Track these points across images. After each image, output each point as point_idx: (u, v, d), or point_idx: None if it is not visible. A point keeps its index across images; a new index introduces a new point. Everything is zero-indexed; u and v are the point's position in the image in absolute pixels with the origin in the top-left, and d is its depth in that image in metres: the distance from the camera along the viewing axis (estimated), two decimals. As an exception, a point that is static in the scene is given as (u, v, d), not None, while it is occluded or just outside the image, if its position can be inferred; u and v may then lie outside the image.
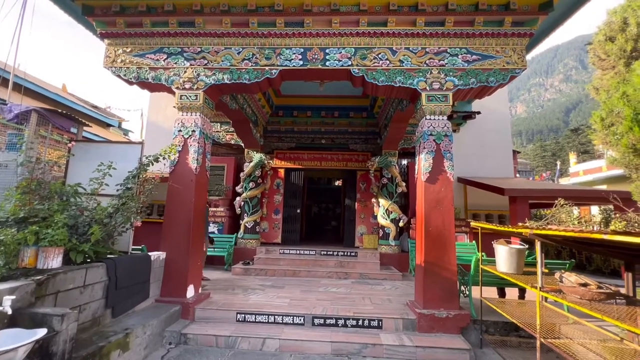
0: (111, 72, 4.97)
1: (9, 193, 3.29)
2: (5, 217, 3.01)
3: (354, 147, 9.02)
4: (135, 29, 4.91)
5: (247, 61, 4.76)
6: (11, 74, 4.74)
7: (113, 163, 4.00)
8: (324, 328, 4.09)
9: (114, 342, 2.91)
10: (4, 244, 2.73)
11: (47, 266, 2.85)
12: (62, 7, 5.03)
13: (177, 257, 4.43)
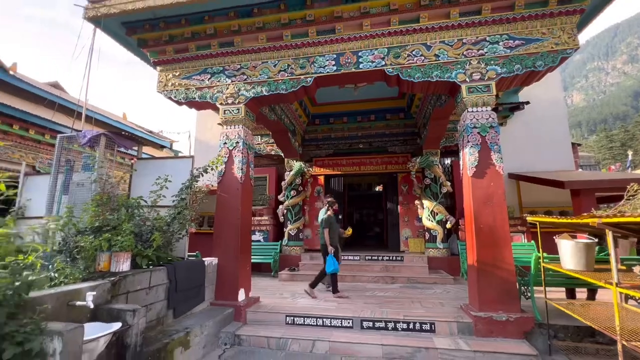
0: (164, 95, 5.48)
1: (86, 207, 3.75)
2: (84, 227, 3.43)
3: (392, 150, 8.87)
4: (182, 54, 5.39)
5: (283, 72, 4.97)
6: (84, 107, 5.46)
7: (168, 176, 4.38)
8: (373, 331, 4.01)
9: (177, 340, 3.13)
10: (84, 250, 3.11)
11: (118, 269, 3.17)
12: (121, 43, 5.69)
13: (228, 263, 4.67)
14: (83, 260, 3.19)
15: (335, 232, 5.67)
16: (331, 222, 5.68)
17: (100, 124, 11.05)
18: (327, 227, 5.58)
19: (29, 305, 1.98)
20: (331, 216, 5.82)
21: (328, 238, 5.52)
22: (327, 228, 5.57)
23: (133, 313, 2.41)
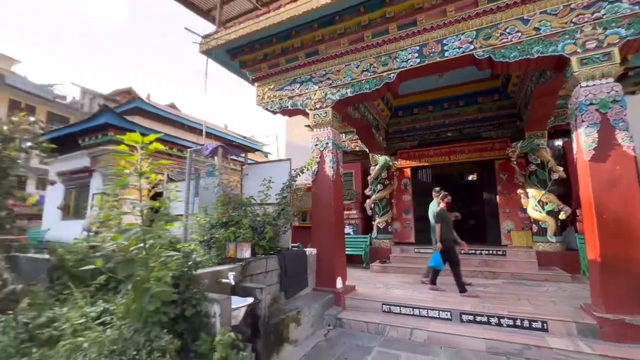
0: (262, 107, 6.29)
1: (213, 206, 4.66)
2: (215, 222, 4.30)
3: (487, 135, 8.16)
4: (275, 69, 6.08)
5: (366, 72, 5.17)
6: (203, 125, 6.72)
7: (271, 178, 5.06)
8: (474, 325, 3.93)
9: (290, 317, 3.70)
10: (218, 241, 3.93)
11: (242, 256, 3.90)
12: (226, 67, 6.73)
13: (325, 253, 5.15)
14: (216, 248, 4.02)
15: (449, 227, 5.35)
16: (444, 216, 5.34)
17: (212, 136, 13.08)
18: (440, 221, 5.25)
19: (194, 279, 2.69)
20: (444, 210, 5.48)
21: (439, 233, 5.20)
22: (439, 223, 5.23)
23: (261, 290, 3.00)
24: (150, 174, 2.53)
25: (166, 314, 2.32)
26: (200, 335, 2.46)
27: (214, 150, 5.68)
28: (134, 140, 2.42)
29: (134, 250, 2.42)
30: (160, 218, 2.48)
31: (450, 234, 5.36)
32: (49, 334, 2.76)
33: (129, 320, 2.35)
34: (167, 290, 2.30)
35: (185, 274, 2.56)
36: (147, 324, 2.27)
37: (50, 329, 2.78)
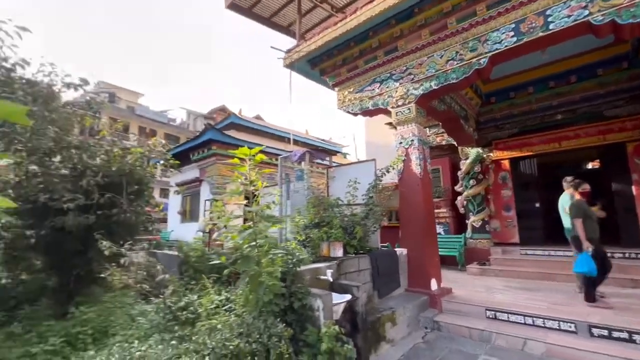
0: (343, 111, 6.47)
1: (305, 208, 5.00)
2: (308, 223, 4.60)
3: (611, 113, 6.73)
4: (354, 72, 6.18)
5: (451, 61, 4.86)
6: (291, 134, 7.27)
7: (357, 179, 5.16)
8: (608, 341, 3.30)
9: (386, 316, 3.71)
10: (312, 240, 4.20)
11: (335, 255, 4.08)
12: (307, 77, 7.12)
13: (416, 253, 4.99)
14: (311, 247, 4.30)
15: (593, 222, 4.35)
16: (584, 209, 4.37)
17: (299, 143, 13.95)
18: (581, 216, 4.29)
19: (298, 275, 2.95)
20: (582, 201, 4.49)
21: (583, 231, 4.21)
22: (580, 218, 4.28)
23: (357, 288, 3.11)
24: (257, 182, 2.88)
25: (277, 305, 2.61)
26: (307, 326, 2.69)
27: (302, 156, 6.08)
28: (243, 154, 2.80)
29: (248, 248, 2.79)
30: (268, 220, 2.80)
31: (596, 232, 4.32)
32: (186, 316, 3.39)
33: (247, 309, 2.73)
34: (277, 284, 2.59)
35: (290, 270, 2.84)
36: (263, 313, 2.60)
37: (187, 312, 3.41)
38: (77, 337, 3.41)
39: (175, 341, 2.00)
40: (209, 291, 3.42)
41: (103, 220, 4.18)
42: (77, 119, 4.60)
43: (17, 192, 4.21)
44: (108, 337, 3.60)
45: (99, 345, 3.42)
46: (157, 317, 3.51)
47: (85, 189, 3.96)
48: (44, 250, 4.48)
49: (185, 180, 11.96)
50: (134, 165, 4.66)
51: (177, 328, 3.18)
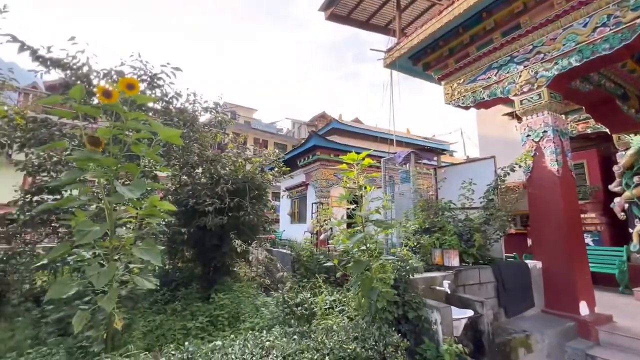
0: (452, 105, 5.91)
1: (412, 211, 4.74)
2: (418, 228, 4.35)
3: None
4: (463, 61, 5.58)
5: (601, 28, 3.85)
6: (393, 135, 7.05)
7: (472, 179, 4.61)
8: None
9: (518, 340, 3.16)
10: (424, 247, 3.94)
11: (450, 264, 3.72)
12: (410, 74, 6.80)
13: (555, 267, 4.12)
14: (421, 254, 4.03)
15: None
16: None
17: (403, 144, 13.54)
18: None
19: (411, 284, 2.80)
20: None
21: None
22: None
23: (482, 304, 2.74)
24: (365, 186, 2.87)
25: (391, 313, 2.53)
26: (423, 339, 2.51)
27: (407, 157, 5.82)
28: (351, 159, 2.83)
29: (358, 252, 2.80)
30: (378, 224, 2.75)
31: None
32: (301, 312, 3.63)
33: (360, 313, 2.73)
34: (390, 292, 2.51)
35: (402, 278, 2.72)
36: (376, 320, 2.55)
37: (302, 308, 3.65)
38: (217, 319, 4.06)
39: (297, 336, 2.15)
40: (323, 291, 3.57)
41: (233, 221, 4.88)
42: (212, 137, 5.54)
43: (174, 198, 5.32)
44: (239, 321, 4.18)
45: (232, 328, 4.00)
46: (277, 309, 3.87)
47: (219, 194, 4.71)
48: (192, 245, 5.52)
49: (293, 184, 13.03)
50: (254, 173, 5.30)
51: (293, 322, 3.43)
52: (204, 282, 5.37)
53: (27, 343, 3.36)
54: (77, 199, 2.76)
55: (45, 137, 4.01)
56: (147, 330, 3.61)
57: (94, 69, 4.47)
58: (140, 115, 2.60)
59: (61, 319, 3.63)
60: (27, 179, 5.42)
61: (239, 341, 1.99)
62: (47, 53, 4.13)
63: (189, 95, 5.14)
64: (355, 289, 2.86)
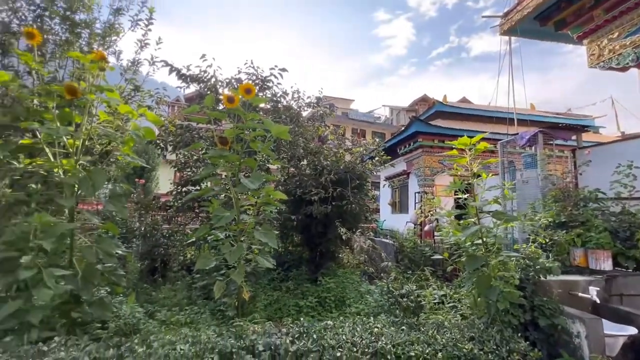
0: (599, 69, 4.67)
1: (539, 202, 3.99)
2: (548, 222, 3.65)
3: None
4: (619, 8, 4.31)
5: None
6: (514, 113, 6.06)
7: (633, 162, 3.58)
8: None
9: None
10: (558, 244, 3.29)
11: (598, 267, 3.00)
12: (535, 37, 5.68)
13: None
14: (555, 253, 3.37)
15: None
16: None
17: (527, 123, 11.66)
18: None
19: (540, 286, 2.38)
20: None
21: None
22: None
23: (650, 322, 2.13)
24: (480, 173, 2.56)
25: (516, 316, 2.21)
26: (559, 352, 2.11)
27: (533, 138, 4.90)
28: (463, 144, 2.55)
29: (473, 246, 2.53)
30: (497, 216, 2.42)
31: None
32: (407, 303, 3.53)
33: (476, 312, 2.48)
34: (514, 293, 2.19)
35: (530, 278, 2.33)
36: (496, 322, 2.27)
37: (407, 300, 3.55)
38: (325, 300, 4.34)
39: (405, 327, 2.10)
40: (431, 284, 3.40)
41: (336, 210, 5.09)
42: (314, 130, 5.85)
43: (283, 188, 5.88)
44: (345, 305, 4.37)
45: (339, 311, 4.21)
46: (382, 298, 3.89)
47: (323, 184, 4.96)
48: (300, 231, 6.01)
49: (393, 173, 12.68)
50: (355, 163, 5.38)
51: (398, 312, 3.38)
52: (311, 265, 5.79)
53: (184, 301, 4.30)
54: (212, 190, 3.34)
55: (189, 140, 4.96)
56: (267, 303, 4.13)
57: (219, 79, 5.28)
58: (255, 116, 2.95)
59: (205, 285, 4.51)
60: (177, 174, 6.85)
61: (348, 324, 2.07)
62: (187, 71, 5.08)
63: (293, 93, 5.54)
64: (469, 286, 2.61)
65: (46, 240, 2.17)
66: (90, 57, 2.69)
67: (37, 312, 2.06)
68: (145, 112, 3.17)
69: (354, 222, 5.40)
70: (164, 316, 3.68)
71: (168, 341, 1.73)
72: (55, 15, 5.01)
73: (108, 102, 2.92)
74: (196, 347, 1.66)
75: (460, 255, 2.64)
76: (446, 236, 2.76)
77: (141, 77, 6.15)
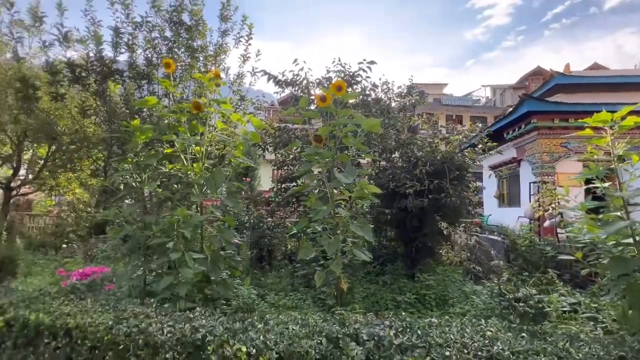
0: None
1: None
2: None
3: None
4: None
5: None
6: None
7: None
8: None
9: None
10: None
11: None
12: None
13: None
14: None
15: None
16: None
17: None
18: None
19: None
20: None
21: None
22: None
23: None
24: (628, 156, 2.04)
25: (692, 339, 1.70)
26: None
27: None
28: (601, 120, 2.07)
29: (618, 246, 2.04)
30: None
31: None
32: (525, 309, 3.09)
33: (626, 327, 2.01)
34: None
35: None
36: (659, 342, 1.78)
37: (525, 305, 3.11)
38: (424, 297, 4.16)
39: (526, 334, 1.85)
40: (556, 289, 2.90)
41: (433, 203, 4.79)
42: (406, 120, 5.62)
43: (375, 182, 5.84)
44: (447, 304, 4.10)
45: (441, 310, 3.98)
46: (492, 301, 3.50)
47: (418, 176, 4.73)
48: (394, 225, 5.88)
49: (499, 162, 11.20)
50: (453, 152, 4.96)
51: (513, 318, 3.00)
52: (407, 260, 5.62)
53: (288, 287, 4.72)
54: (310, 185, 3.56)
55: (286, 140, 5.39)
56: (364, 296, 4.20)
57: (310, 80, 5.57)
58: (347, 112, 3.01)
59: (305, 274, 4.86)
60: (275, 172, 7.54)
61: (455, 323, 1.94)
62: (282, 77, 5.53)
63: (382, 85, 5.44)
64: (614, 294, 2.11)
65: (186, 230, 2.69)
66: (208, 76, 3.19)
67: (183, 287, 2.57)
68: (251, 119, 3.59)
69: (454, 217, 4.99)
70: (272, 299, 4.13)
71: (281, 321, 1.93)
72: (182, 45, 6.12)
73: (222, 113, 3.42)
74: (306, 328, 1.81)
75: (598, 257, 2.16)
76: (578, 233, 2.29)
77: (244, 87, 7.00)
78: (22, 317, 1.83)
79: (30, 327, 1.79)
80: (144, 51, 6.29)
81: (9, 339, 1.82)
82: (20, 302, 2.01)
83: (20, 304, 2.00)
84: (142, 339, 1.69)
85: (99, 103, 6.52)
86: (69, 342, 1.75)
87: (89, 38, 6.10)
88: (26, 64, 6.66)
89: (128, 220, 3.19)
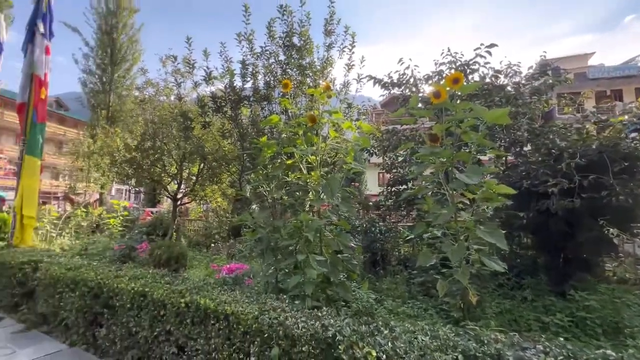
0: None
1: None
2: None
3: None
4: None
5: None
6: None
7: None
8: None
9: None
10: None
11: None
12: None
13: None
14: None
15: None
16: None
17: None
18: None
19: None
20: None
21: None
22: None
23: None
24: None
25: None
26: None
27: None
28: None
29: None
30: None
31: None
32: None
33: None
34: None
35: None
36: None
37: None
38: (585, 323, 3.32)
39: None
40: None
41: (589, 204, 3.82)
42: (541, 106, 4.70)
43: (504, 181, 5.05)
44: (621, 334, 3.16)
45: (611, 340, 3.09)
46: None
47: (564, 172, 3.85)
48: (531, 230, 4.95)
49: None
50: (617, 138, 3.85)
51: None
52: (552, 274, 4.63)
53: (406, 295, 4.53)
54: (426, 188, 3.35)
55: (396, 142, 5.25)
56: (497, 312, 3.65)
57: (418, 78, 5.29)
58: (466, 105, 2.71)
59: (422, 282, 4.57)
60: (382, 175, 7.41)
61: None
62: (388, 79, 5.43)
63: (507, 68, 4.71)
64: None
65: (309, 233, 2.90)
66: (319, 90, 3.41)
67: (309, 286, 2.78)
68: (361, 124, 3.65)
69: (624, 221, 3.86)
70: (390, 305, 4.03)
71: (408, 329, 1.85)
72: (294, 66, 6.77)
73: (334, 122, 3.58)
74: (436, 341, 1.68)
75: None
76: None
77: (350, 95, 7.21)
78: (195, 301, 2.31)
79: (201, 309, 2.25)
80: (264, 76, 7.25)
81: (188, 317, 2.32)
82: (193, 289, 2.55)
83: (193, 290, 2.53)
84: (281, 330, 1.89)
85: (233, 126, 7.83)
86: (227, 325, 2.11)
87: (225, 74, 7.42)
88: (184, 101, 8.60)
89: (259, 224, 3.67)
